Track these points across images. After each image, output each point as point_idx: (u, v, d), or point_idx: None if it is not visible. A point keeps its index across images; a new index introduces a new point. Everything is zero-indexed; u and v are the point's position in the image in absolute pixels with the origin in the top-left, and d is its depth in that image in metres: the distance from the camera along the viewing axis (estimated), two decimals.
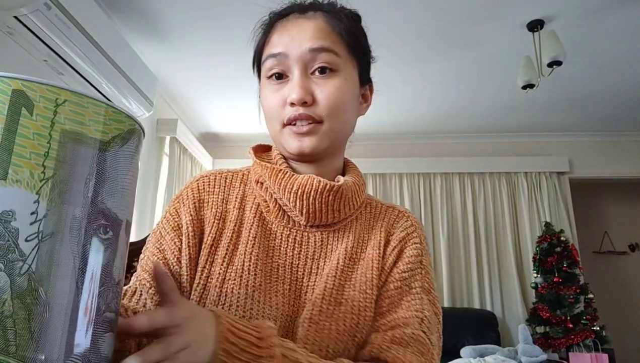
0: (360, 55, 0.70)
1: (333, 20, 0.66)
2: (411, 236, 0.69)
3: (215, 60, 3.10)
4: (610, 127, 4.15)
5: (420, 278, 0.66)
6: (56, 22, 1.95)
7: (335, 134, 0.66)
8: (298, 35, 0.64)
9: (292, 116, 0.64)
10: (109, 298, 0.40)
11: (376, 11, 2.55)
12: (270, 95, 0.66)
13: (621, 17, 2.62)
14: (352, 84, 0.67)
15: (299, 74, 0.64)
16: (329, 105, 0.63)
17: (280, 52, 0.65)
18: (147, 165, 3.42)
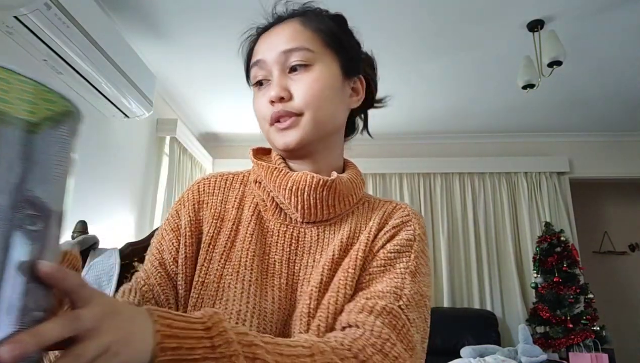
0: (339, 48, 0.71)
1: (307, 21, 0.70)
2: (407, 224, 0.68)
3: (215, 60, 3.10)
4: (610, 127, 4.15)
5: (407, 261, 0.64)
6: (56, 21, 1.95)
7: (319, 125, 0.67)
8: (274, 40, 0.69)
9: (274, 114, 0.67)
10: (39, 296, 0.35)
11: (376, 11, 2.55)
12: (258, 100, 0.70)
13: (621, 17, 2.62)
14: (330, 75, 0.69)
15: (277, 75, 0.67)
16: (305, 96, 0.66)
17: (259, 59, 0.69)
18: (147, 165, 3.42)
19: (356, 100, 0.76)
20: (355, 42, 0.77)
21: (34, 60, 2.14)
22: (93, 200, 2.68)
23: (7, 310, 0.33)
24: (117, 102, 2.63)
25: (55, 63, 2.17)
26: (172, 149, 3.61)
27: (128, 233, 3.10)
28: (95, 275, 0.98)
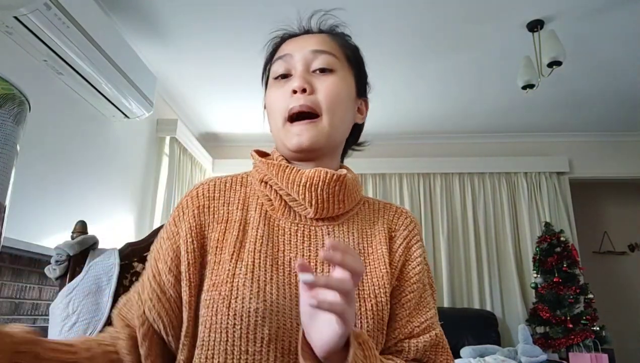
0: (356, 68, 0.77)
1: (334, 36, 0.77)
2: (413, 233, 0.74)
3: (215, 60, 3.10)
4: (610, 127, 4.15)
5: (427, 275, 0.73)
6: (56, 22, 1.95)
7: (332, 131, 0.70)
8: (303, 42, 0.74)
9: (295, 108, 0.68)
10: None
11: (376, 11, 2.55)
12: (275, 91, 0.72)
13: (621, 17, 2.62)
14: (348, 85, 0.74)
15: (302, 69, 0.71)
16: (327, 96, 0.69)
17: (286, 53, 0.73)
18: (147, 165, 3.42)
19: (360, 118, 0.80)
20: (365, 68, 0.81)
21: (34, 60, 2.14)
22: (93, 200, 2.68)
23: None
24: (117, 102, 2.64)
25: (55, 63, 2.17)
26: (172, 149, 3.61)
27: (128, 233, 3.10)
28: (95, 276, 0.98)
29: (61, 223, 2.30)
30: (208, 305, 0.62)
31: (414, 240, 0.73)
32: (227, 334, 0.59)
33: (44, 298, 2.24)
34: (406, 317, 0.67)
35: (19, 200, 2.01)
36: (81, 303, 0.95)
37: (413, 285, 0.69)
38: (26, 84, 0.96)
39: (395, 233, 0.73)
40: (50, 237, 2.22)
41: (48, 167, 2.27)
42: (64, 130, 2.41)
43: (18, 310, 2.07)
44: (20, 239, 1.94)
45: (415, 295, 0.69)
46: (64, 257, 1.00)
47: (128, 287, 1.00)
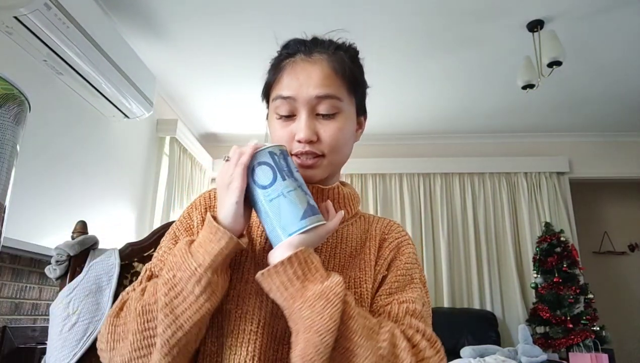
0: (358, 92, 0.78)
1: (336, 65, 0.74)
2: (405, 239, 0.78)
3: (215, 60, 3.10)
4: (610, 127, 4.15)
5: (419, 272, 0.75)
6: (56, 22, 1.95)
7: (334, 165, 0.76)
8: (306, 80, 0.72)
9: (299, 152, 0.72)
10: None
11: (376, 12, 2.55)
12: (279, 130, 0.74)
13: (621, 18, 2.62)
14: (351, 121, 0.77)
15: (306, 116, 0.72)
16: (331, 143, 0.72)
17: (290, 95, 0.72)
18: (147, 165, 3.42)
19: (360, 133, 0.83)
20: (364, 79, 0.81)
21: (34, 60, 2.14)
22: (93, 200, 2.68)
23: None
24: (117, 102, 2.64)
25: (55, 63, 2.17)
26: (172, 149, 3.61)
27: (128, 233, 3.10)
28: (95, 276, 0.98)
29: (61, 223, 2.30)
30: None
31: (405, 243, 0.77)
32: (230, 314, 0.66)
33: (44, 298, 2.24)
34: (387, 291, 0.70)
35: (19, 200, 2.01)
36: (81, 303, 0.95)
37: (399, 271, 0.72)
38: (26, 84, 0.96)
39: (387, 236, 0.77)
40: (50, 237, 2.22)
41: (48, 167, 2.27)
42: (63, 130, 2.41)
43: (18, 310, 2.08)
44: (20, 239, 1.94)
45: (400, 279, 0.71)
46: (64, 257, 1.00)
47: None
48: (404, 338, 0.61)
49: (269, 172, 0.62)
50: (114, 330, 0.63)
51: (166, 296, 0.59)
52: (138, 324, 0.60)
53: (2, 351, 1.93)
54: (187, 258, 0.60)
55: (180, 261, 0.60)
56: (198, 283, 0.58)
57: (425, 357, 0.61)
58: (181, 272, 0.59)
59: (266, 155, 0.63)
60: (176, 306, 0.58)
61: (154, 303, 0.61)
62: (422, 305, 0.69)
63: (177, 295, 0.58)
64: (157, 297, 0.60)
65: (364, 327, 0.58)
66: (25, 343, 2.04)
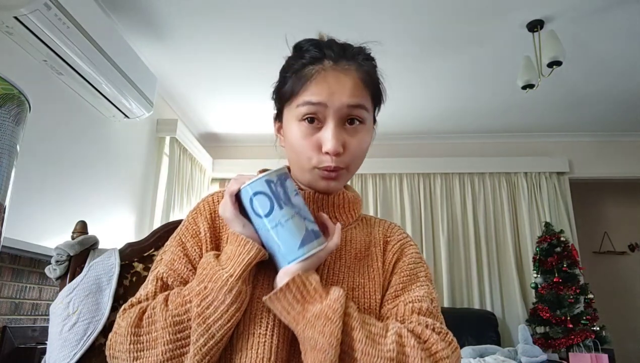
0: (378, 103, 0.81)
1: (365, 76, 0.75)
2: (407, 241, 0.79)
3: (215, 60, 3.10)
4: (610, 127, 4.15)
5: (424, 270, 0.76)
6: (56, 22, 1.95)
7: (352, 175, 0.78)
8: (338, 89, 0.71)
9: (326, 165, 0.71)
10: None
11: (376, 11, 2.55)
12: (304, 137, 0.72)
13: (621, 17, 2.62)
14: (371, 131, 0.79)
15: (335, 125, 0.71)
16: (355, 154, 0.73)
17: (321, 102, 0.70)
18: (147, 165, 3.42)
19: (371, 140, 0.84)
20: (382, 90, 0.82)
21: (34, 60, 2.14)
22: (93, 200, 2.68)
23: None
24: (117, 102, 2.64)
25: (55, 63, 2.17)
26: (172, 149, 3.61)
27: (128, 233, 3.10)
28: (95, 276, 0.98)
29: (61, 223, 2.30)
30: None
31: (408, 244, 0.78)
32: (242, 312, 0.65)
33: (44, 298, 2.24)
34: (393, 294, 0.71)
35: (19, 200, 2.01)
36: (81, 303, 0.95)
37: (402, 273, 0.73)
38: (26, 84, 0.96)
39: (390, 239, 0.79)
40: (50, 237, 2.22)
41: (48, 167, 2.27)
42: (64, 130, 2.41)
43: (18, 310, 2.08)
44: (20, 239, 1.94)
45: (405, 280, 0.73)
46: (64, 257, 1.00)
47: (128, 287, 1.00)
48: (412, 335, 0.61)
49: (266, 202, 0.64)
50: (137, 339, 0.63)
51: (199, 307, 0.61)
52: (170, 334, 0.62)
53: (2, 351, 1.93)
54: (218, 269, 0.62)
55: (211, 273, 0.63)
56: (229, 293, 0.61)
57: (438, 350, 0.61)
58: (212, 283, 0.62)
59: (263, 185, 0.64)
60: (208, 316, 0.60)
61: (184, 314, 0.62)
62: (430, 302, 0.69)
63: (209, 306, 0.61)
64: (186, 308, 0.62)
65: (369, 335, 0.60)
66: (25, 343, 2.04)
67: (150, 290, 0.70)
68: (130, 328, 0.63)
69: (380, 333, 0.61)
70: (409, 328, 0.63)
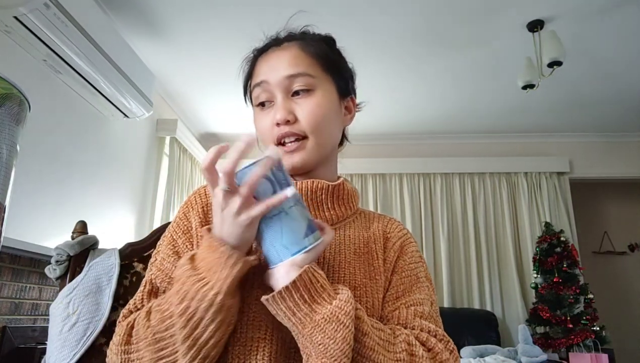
0: (335, 73, 0.76)
1: (306, 47, 0.74)
2: (407, 238, 0.78)
3: (215, 60, 3.10)
4: (611, 127, 4.15)
5: (424, 270, 0.75)
6: (55, 21, 1.95)
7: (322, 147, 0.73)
8: (276, 64, 0.73)
9: (279, 135, 0.70)
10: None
11: (376, 11, 2.55)
12: (261, 120, 0.73)
13: (621, 17, 2.62)
14: (330, 99, 0.74)
15: (281, 98, 0.71)
16: (310, 120, 0.70)
17: (262, 80, 0.72)
18: (147, 165, 3.42)
19: (349, 118, 0.82)
20: (345, 62, 0.81)
21: (33, 60, 2.14)
22: (93, 200, 2.68)
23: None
24: (116, 102, 2.63)
25: (54, 63, 2.17)
26: (172, 149, 3.61)
27: (128, 233, 3.10)
28: (95, 276, 0.98)
29: (61, 223, 2.30)
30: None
31: (408, 242, 0.77)
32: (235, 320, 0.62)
33: (44, 298, 2.24)
34: (394, 294, 0.70)
35: (19, 201, 2.01)
36: (81, 304, 0.95)
37: (404, 273, 0.72)
38: (26, 84, 0.96)
39: (390, 234, 0.76)
40: (50, 237, 2.22)
41: (48, 167, 2.27)
42: (63, 129, 2.41)
43: (18, 310, 2.07)
44: (20, 239, 1.94)
45: (406, 281, 0.71)
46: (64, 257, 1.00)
47: (128, 287, 1.00)
48: (419, 344, 0.61)
49: (268, 186, 0.56)
50: (128, 358, 0.61)
51: (185, 328, 0.55)
52: (152, 353, 0.58)
53: (2, 351, 1.93)
54: (201, 287, 0.55)
55: (192, 290, 0.55)
56: (218, 312, 0.55)
57: (443, 360, 0.61)
58: (196, 302, 0.55)
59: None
60: (198, 336, 0.55)
61: (165, 331, 0.58)
62: (430, 305, 0.69)
63: (196, 326, 0.55)
64: (167, 325, 0.58)
65: (380, 341, 0.58)
66: (25, 343, 2.04)
67: (138, 297, 0.68)
68: (120, 346, 0.62)
69: (390, 340, 0.59)
70: (415, 335, 0.62)
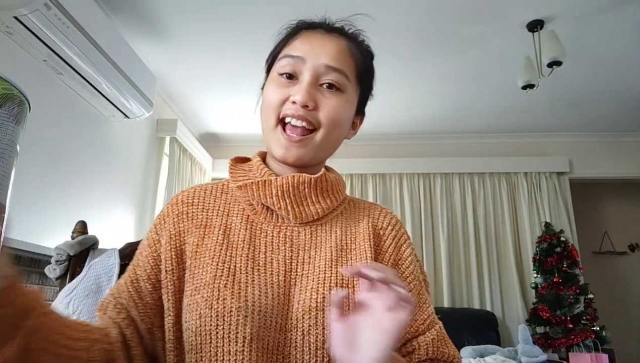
0: (364, 87, 0.76)
1: (354, 48, 0.73)
2: (400, 232, 0.75)
3: (215, 60, 3.10)
4: (610, 127, 4.15)
5: (421, 271, 0.75)
6: (56, 22, 1.95)
7: (323, 148, 0.70)
8: (319, 47, 0.69)
9: (291, 113, 0.67)
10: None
11: (376, 11, 2.55)
12: (276, 89, 0.69)
13: (621, 17, 2.62)
14: (351, 107, 0.73)
15: (309, 81, 0.67)
16: (329, 117, 0.68)
17: (299, 55, 0.69)
18: (147, 165, 3.42)
19: (352, 134, 0.79)
20: (373, 82, 0.80)
21: (34, 60, 2.14)
22: (93, 200, 2.68)
23: None
24: (117, 102, 2.64)
25: (55, 63, 2.17)
26: (172, 149, 3.61)
27: (128, 233, 3.10)
28: (95, 276, 0.98)
29: (61, 223, 2.30)
30: (192, 310, 0.62)
31: (403, 239, 0.74)
32: (210, 336, 0.60)
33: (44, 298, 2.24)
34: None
35: (19, 200, 2.01)
36: (81, 303, 0.95)
37: (409, 285, 0.70)
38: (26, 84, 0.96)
39: (383, 232, 0.73)
40: (50, 237, 2.22)
41: (48, 167, 2.27)
42: (64, 130, 2.41)
43: None
44: (20, 239, 1.94)
45: (413, 294, 0.70)
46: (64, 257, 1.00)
47: None
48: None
49: None
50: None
51: None
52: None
53: None
54: None
55: None
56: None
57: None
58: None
59: None
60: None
61: None
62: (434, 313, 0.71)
63: None
64: None
65: None
66: None
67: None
68: None
69: None
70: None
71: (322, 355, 0.60)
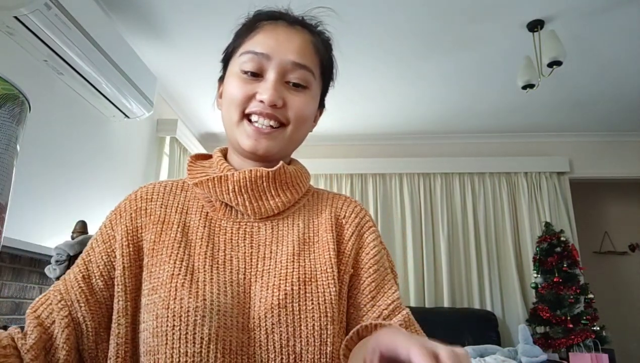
0: (326, 82, 0.76)
1: (317, 43, 0.72)
2: (364, 220, 0.73)
3: (216, 60, 3.08)
4: (611, 127, 4.15)
5: (387, 259, 0.72)
6: (56, 22, 1.95)
7: (291, 142, 0.70)
8: (285, 42, 0.68)
9: (257, 110, 0.66)
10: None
11: (376, 11, 2.55)
12: (239, 85, 0.68)
13: (621, 17, 2.62)
14: (315, 103, 0.73)
15: (275, 79, 0.66)
16: (297, 113, 0.68)
17: (264, 52, 0.67)
18: (147, 165, 3.42)
19: (313, 127, 0.79)
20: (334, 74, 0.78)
21: (34, 60, 2.14)
22: (93, 200, 2.68)
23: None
24: (117, 102, 2.64)
25: (55, 63, 2.17)
26: (172, 149, 3.61)
27: None
28: None
29: (61, 223, 2.30)
30: (150, 310, 0.60)
31: (366, 227, 0.72)
32: (166, 337, 0.57)
33: None
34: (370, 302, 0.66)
35: (19, 200, 2.01)
36: None
37: (370, 270, 0.68)
38: (26, 84, 0.96)
39: (345, 221, 0.71)
40: (51, 237, 2.22)
41: (48, 167, 2.27)
42: (64, 130, 2.41)
43: (18, 310, 2.08)
44: (20, 239, 1.94)
45: (375, 279, 0.67)
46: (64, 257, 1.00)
47: None
48: None
49: None
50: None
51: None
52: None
53: None
54: None
55: None
56: None
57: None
58: None
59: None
60: None
61: None
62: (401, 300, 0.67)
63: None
64: None
65: None
66: None
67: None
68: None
69: None
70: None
71: (288, 353, 0.58)
